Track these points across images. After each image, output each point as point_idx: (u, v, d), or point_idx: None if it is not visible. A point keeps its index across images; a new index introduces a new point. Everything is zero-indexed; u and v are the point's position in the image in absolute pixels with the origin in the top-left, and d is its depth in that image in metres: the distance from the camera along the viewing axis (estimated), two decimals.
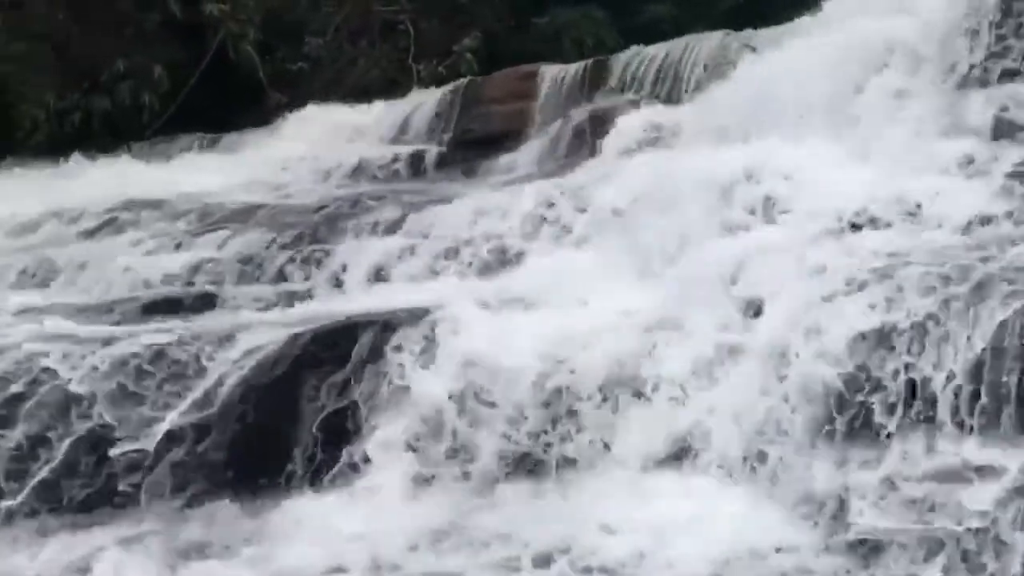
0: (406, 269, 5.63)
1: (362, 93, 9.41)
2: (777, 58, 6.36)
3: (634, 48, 8.05)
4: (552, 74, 8.14)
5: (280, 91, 9.89)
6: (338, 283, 5.66)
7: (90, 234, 6.49)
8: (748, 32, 7.60)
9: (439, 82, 9.25)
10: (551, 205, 5.66)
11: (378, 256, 5.77)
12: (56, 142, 8.94)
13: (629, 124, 6.75)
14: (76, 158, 8.47)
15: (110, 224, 6.64)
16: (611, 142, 6.66)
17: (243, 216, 6.56)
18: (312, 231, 6.25)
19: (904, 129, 5.09)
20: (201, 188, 7.36)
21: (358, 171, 7.79)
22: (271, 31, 10.31)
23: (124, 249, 6.13)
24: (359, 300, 5.20)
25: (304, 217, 6.47)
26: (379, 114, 8.74)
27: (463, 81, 8.73)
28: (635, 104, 7.18)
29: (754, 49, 6.98)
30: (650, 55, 7.74)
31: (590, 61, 8.20)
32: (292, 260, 5.84)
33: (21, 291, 5.76)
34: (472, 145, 7.96)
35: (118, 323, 4.90)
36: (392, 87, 9.54)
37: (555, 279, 4.83)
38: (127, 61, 9.39)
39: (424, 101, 8.65)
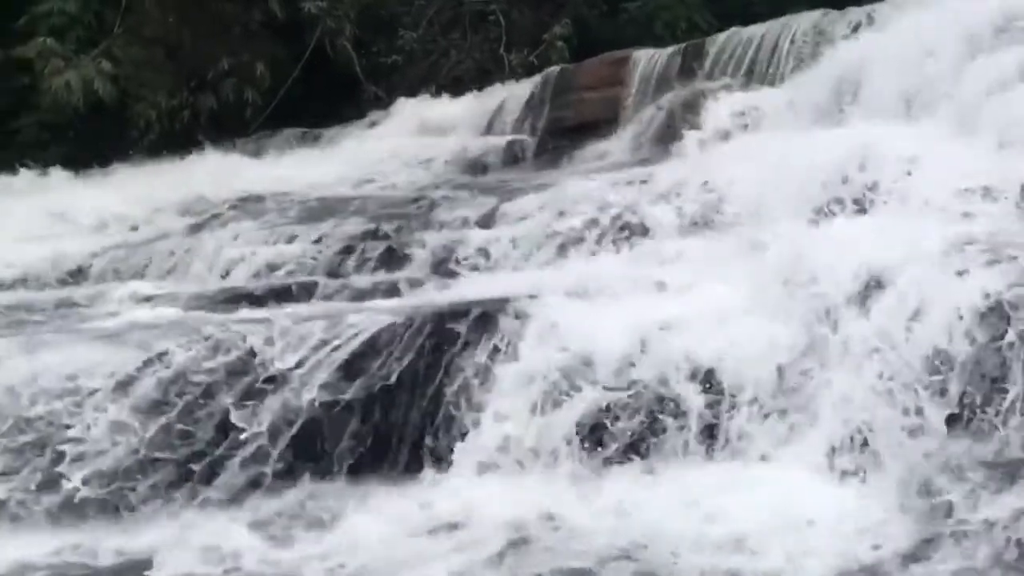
0: (500, 258, 5.67)
1: (455, 84, 9.48)
2: (875, 37, 6.12)
3: (731, 29, 7.81)
4: (645, 59, 7.99)
5: (375, 84, 10.05)
6: (435, 272, 5.74)
7: (199, 227, 6.73)
8: (847, 10, 7.34)
9: (530, 71, 9.22)
10: (646, 192, 5.61)
11: (473, 245, 5.82)
12: (167, 140, 9.30)
13: (725, 108, 6.58)
14: (185, 155, 8.79)
15: (218, 217, 6.88)
16: (707, 127, 6.53)
17: (342, 208, 6.70)
18: (409, 221, 6.35)
19: (1012, 107, 4.86)
20: (302, 181, 7.55)
21: (451, 162, 7.85)
22: (366, 26, 10.47)
23: (231, 241, 6.35)
24: (457, 289, 5.25)
25: (401, 208, 6.57)
26: (471, 105, 8.78)
27: (554, 69, 8.67)
28: (731, 87, 6.99)
29: (856, 27, 6.73)
30: (746, 36, 7.49)
31: (684, 45, 8.00)
32: (390, 250, 5.94)
33: (138, 281, 6.04)
34: (564, 134, 7.91)
35: (227, 311, 5.09)
36: (484, 77, 9.57)
37: (658, 267, 4.78)
38: (231, 60, 9.68)
39: (515, 91, 8.63)
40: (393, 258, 5.89)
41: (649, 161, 6.41)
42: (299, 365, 4.24)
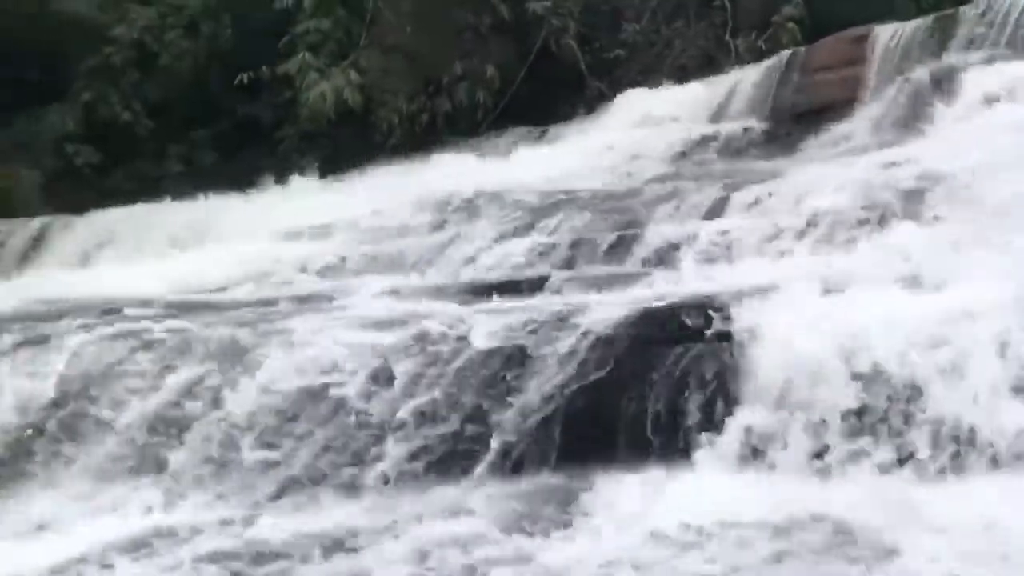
0: (733, 249, 5.39)
1: (680, 74, 9.20)
2: None
3: None
4: (887, 35, 7.31)
5: (599, 79, 9.98)
6: (664, 264, 5.56)
7: (441, 224, 6.96)
8: None
9: (758, 56, 8.77)
10: (891, 176, 5.11)
11: (703, 236, 5.58)
12: (407, 143, 9.74)
13: (982, 82, 5.89)
14: (424, 156, 9.16)
15: (455, 214, 7.07)
16: (961, 104, 5.86)
17: (571, 201, 6.67)
18: (637, 214, 6.20)
19: None
20: (531, 178, 7.59)
21: (679, 152, 7.61)
22: (589, 22, 10.43)
23: (468, 237, 6.51)
24: (688, 282, 5.05)
25: (628, 201, 6.43)
26: (697, 94, 8.47)
27: (786, 52, 8.16)
28: (989, 60, 6.23)
29: None
30: (1008, 4, 6.66)
31: (934, 16, 7.27)
32: (620, 242, 5.83)
33: (383, 275, 6.33)
34: (797, 118, 7.42)
35: (467, 303, 5.19)
36: (710, 66, 9.22)
37: (902, 258, 4.34)
38: (464, 64, 9.97)
39: (744, 77, 8.23)
40: (622, 250, 5.77)
41: (895, 143, 5.84)
42: (534, 357, 4.24)
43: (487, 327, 4.38)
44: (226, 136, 10.54)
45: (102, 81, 10.27)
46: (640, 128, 8.30)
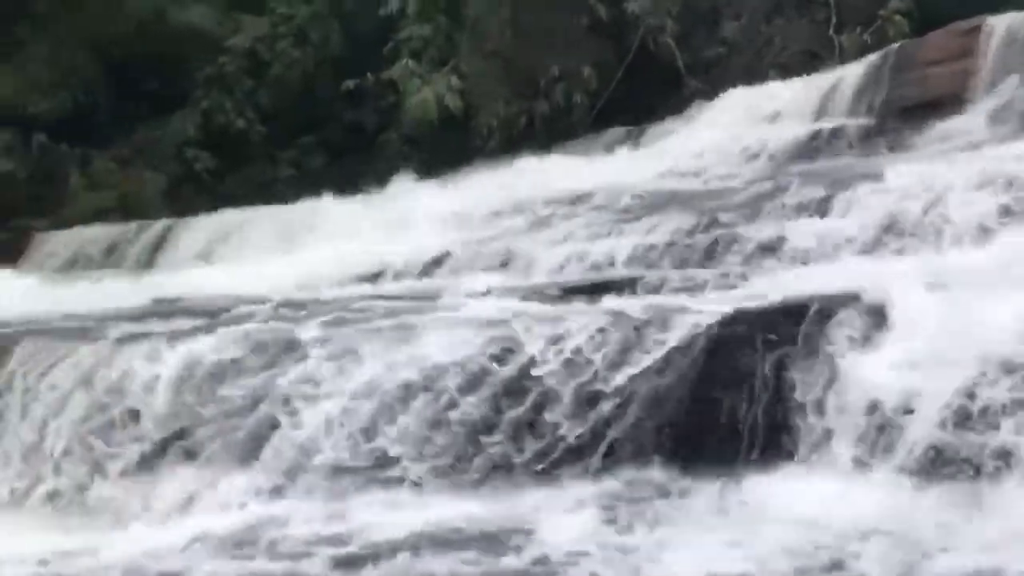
0: (836, 250, 5.24)
1: (781, 71, 8.98)
2: None
3: None
4: (1003, 26, 6.95)
5: (697, 78, 9.83)
6: (766, 264, 5.45)
7: (537, 224, 7.00)
8: None
9: (863, 51, 8.46)
10: (1016, 171, 4.85)
11: (805, 237, 5.44)
12: (505, 145, 9.83)
13: None
14: (522, 158, 9.21)
15: (552, 215, 7.10)
16: None
17: (669, 202, 6.60)
18: (736, 214, 6.09)
19: None
20: (628, 177, 7.56)
21: (780, 151, 7.41)
22: (687, 20, 10.29)
23: (565, 237, 6.52)
24: (788, 282, 4.93)
25: (727, 200, 6.33)
26: (799, 90, 8.24)
27: (893, 46, 7.86)
28: None
29: None
30: None
31: None
32: (717, 243, 5.74)
33: (482, 275, 6.41)
34: (904, 114, 7.13)
35: (564, 303, 5.21)
36: (812, 62, 8.96)
37: (1018, 259, 4.13)
38: (561, 66, 9.99)
39: (848, 72, 7.95)
40: (721, 251, 5.69)
41: (1013, 138, 5.54)
42: (632, 357, 4.23)
43: (583, 327, 4.38)
44: (333, 141, 10.87)
45: (218, 90, 10.76)
46: (741, 127, 8.13)
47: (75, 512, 4.15)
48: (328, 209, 8.35)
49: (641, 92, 9.89)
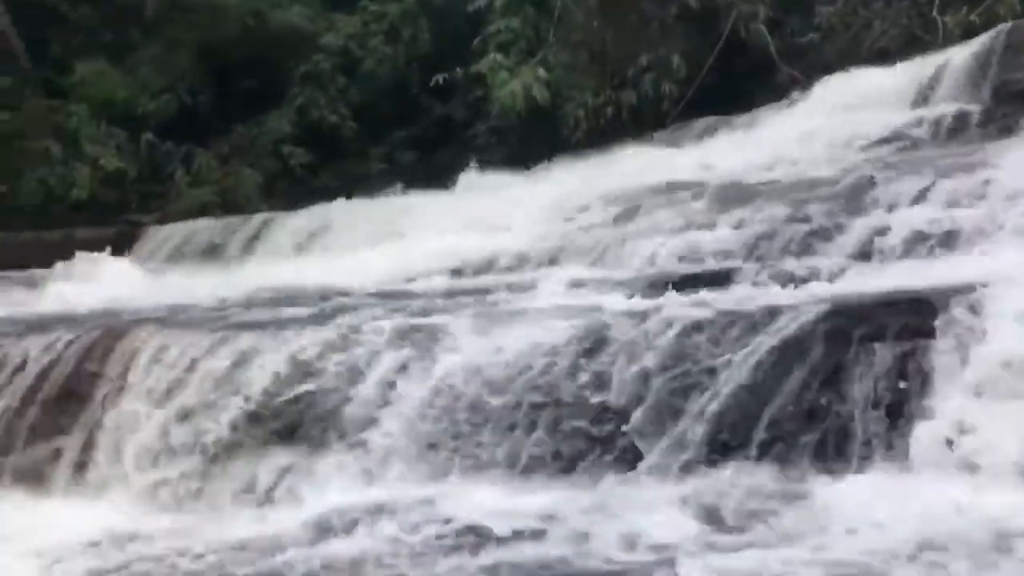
0: (941, 242, 5.01)
1: (879, 56, 8.61)
2: None
3: None
4: None
5: (791, 65, 9.55)
6: (862, 257, 5.25)
7: (627, 216, 6.92)
8: None
9: (969, 33, 8.04)
10: None
11: (906, 228, 5.21)
12: (593, 136, 9.77)
13: None
14: (609, 149, 9.14)
15: (641, 206, 7.01)
16: None
17: (761, 192, 6.42)
18: (833, 204, 5.89)
19: None
20: (719, 167, 7.40)
21: (879, 139, 7.11)
22: (780, 6, 9.99)
23: (654, 229, 6.44)
24: (888, 276, 4.75)
25: (824, 190, 6.11)
26: (900, 76, 7.88)
27: (1005, 26, 7.42)
28: None
29: None
30: None
31: None
32: (813, 234, 5.56)
33: (569, 267, 6.39)
34: (1018, 99, 6.76)
35: (654, 296, 5.15)
36: (913, 45, 8.56)
37: None
38: (649, 56, 9.85)
39: (953, 55, 7.55)
40: (816, 243, 5.51)
41: None
42: (723, 352, 4.14)
43: (673, 321, 4.32)
44: (423, 135, 11.02)
45: (312, 87, 11.03)
46: (838, 114, 7.84)
47: (185, 497, 4.34)
48: (418, 202, 8.47)
49: (732, 81, 9.67)
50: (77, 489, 4.47)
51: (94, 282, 7.26)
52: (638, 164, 8.13)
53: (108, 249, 8.65)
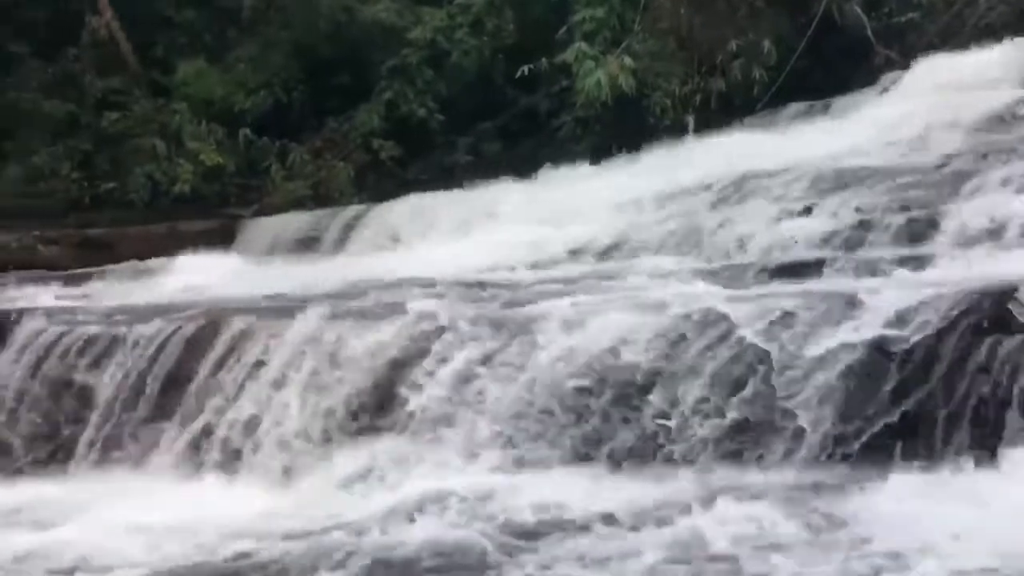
0: None
1: (985, 35, 8.21)
2: None
3: None
4: None
5: (888, 46, 9.18)
6: (967, 245, 5.04)
7: (716, 204, 6.81)
8: None
9: None
10: None
11: (1015, 217, 4.99)
12: (680, 125, 9.61)
13: None
14: (697, 137, 8.99)
15: (733, 194, 6.88)
16: None
17: (858, 178, 6.22)
18: (935, 191, 5.67)
19: None
20: (813, 154, 7.17)
21: (984, 122, 6.80)
22: None
23: (746, 217, 6.31)
24: (995, 265, 4.55)
25: (924, 176, 5.90)
26: (1008, 55, 7.49)
27: None
28: None
29: None
30: None
31: None
32: (914, 223, 5.37)
33: (660, 256, 6.32)
34: None
35: (746, 287, 5.06)
36: (1021, 23, 8.13)
37: None
38: (738, 41, 9.61)
39: None
40: (916, 231, 5.32)
41: None
42: (816, 345, 4.05)
43: (765, 311, 4.25)
44: (508, 126, 11.04)
45: (401, 81, 11.18)
46: (939, 96, 7.51)
47: (283, 477, 4.50)
48: (505, 193, 8.51)
49: (825, 65, 9.36)
50: (191, 470, 4.68)
51: (199, 273, 7.57)
52: (728, 152, 7.98)
53: (210, 241, 9.00)
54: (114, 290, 7.34)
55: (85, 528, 3.92)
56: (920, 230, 5.28)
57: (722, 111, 9.66)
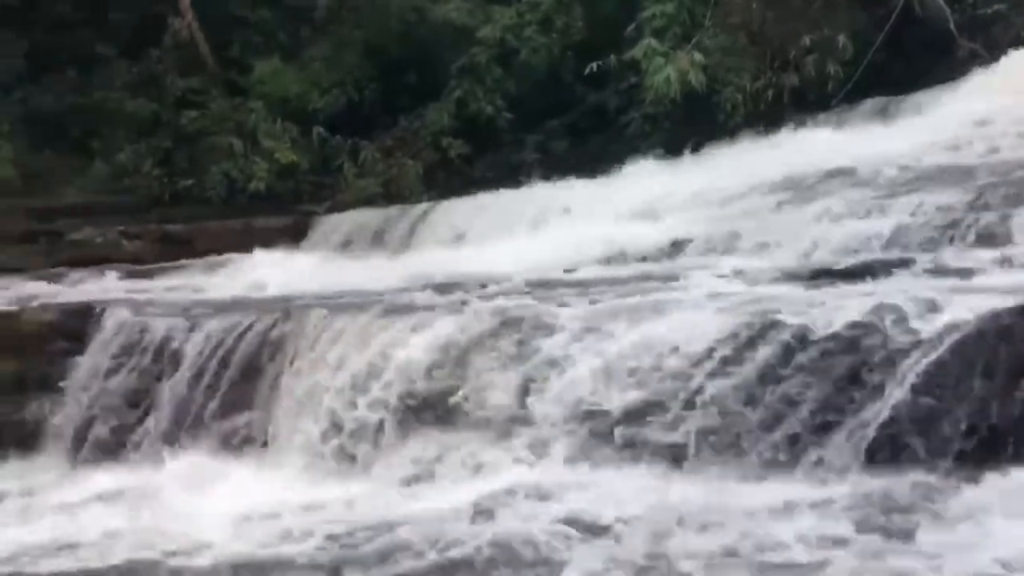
0: None
1: None
2: None
3: None
4: None
5: (972, 40, 8.84)
6: None
7: (787, 203, 6.67)
8: None
9: None
10: None
11: None
12: (752, 121, 9.43)
13: None
14: (769, 134, 8.81)
15: (804, 193, 6.73)
16: None
17: (940, 177, 6.03)
18: (1017, 190, 5.45)
19: None
20: (890, 152, 6.98)
21: None
22: None
23: (818, 217, 6.17)
24: None
25: (1011, 175, 5.68)
26: None
27: None
28: None
29: None
30: None
31: None
32: (999, 224, 5.17)
33: (728, 256, 6.22)
34: None
35: (815, 287, 4.95)
36: None
37: None
38: (813, 36, 9.39)
39: None
40: (1002, 233, 5.12)
41: None
42: (892, 347, 3.94)
43: (839, 313, 4.15)
44: (576, 124, 11.01)
45: (470, 80, 11.25)
46: None
47: (354, 470, 4.59)
48: (573, 191, 8.50)
49: (904, 59, 9.06)
50: (260, 458, 4.81)
51: (274, 268, 7.76)
52: (801, 149, 7.82)
53: (284, 237, 9.21)
54: (193, 283, 7.59)
55: (170, 513, 4.08)
56: (1005, 232, 5.08)
57: (795, 107, 9.45)
